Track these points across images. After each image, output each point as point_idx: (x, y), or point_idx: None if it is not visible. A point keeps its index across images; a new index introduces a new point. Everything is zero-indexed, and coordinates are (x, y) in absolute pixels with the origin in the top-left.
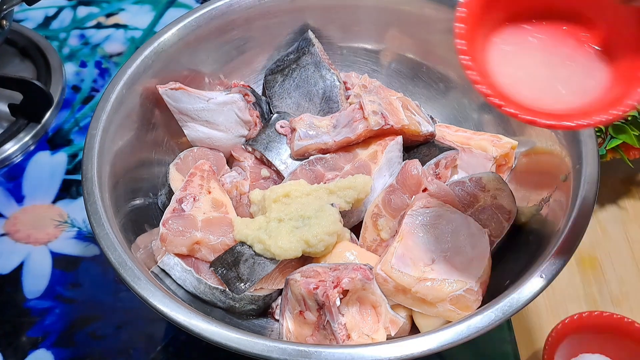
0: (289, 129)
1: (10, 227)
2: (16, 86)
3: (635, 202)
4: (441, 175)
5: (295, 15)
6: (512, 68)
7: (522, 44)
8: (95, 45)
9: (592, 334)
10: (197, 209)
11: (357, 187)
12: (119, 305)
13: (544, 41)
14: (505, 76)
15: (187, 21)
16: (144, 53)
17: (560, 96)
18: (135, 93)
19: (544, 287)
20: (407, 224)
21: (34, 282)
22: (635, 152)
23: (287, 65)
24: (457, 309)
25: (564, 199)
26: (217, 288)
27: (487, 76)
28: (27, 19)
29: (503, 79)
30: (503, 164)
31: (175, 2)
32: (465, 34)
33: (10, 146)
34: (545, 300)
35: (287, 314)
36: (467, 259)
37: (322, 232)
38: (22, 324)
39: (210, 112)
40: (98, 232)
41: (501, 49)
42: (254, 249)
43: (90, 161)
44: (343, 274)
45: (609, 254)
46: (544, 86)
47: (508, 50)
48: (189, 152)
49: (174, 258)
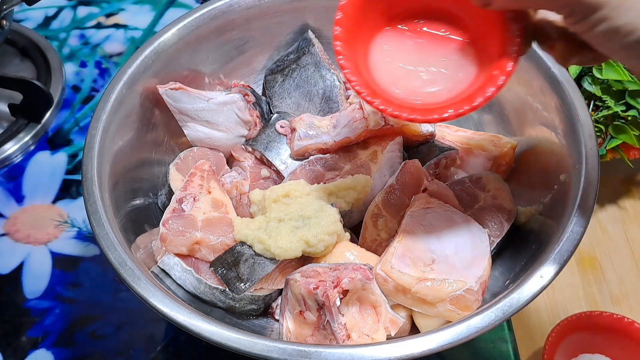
0: (289, 129)
1: (10, 227)
2: (16, 86)
3: (635, 202)
4: (441, 175)
5: (295, 15)
6: (392, 67)
7: (399, 45)
8: (95, 45)
9: (592, 334)
10: (197, 209)
11: (357, 187)
12: (119, 305)
13: (420, 41)
14: (386, 74)
15: (187, 21)
16: (144, 53)
17: (435, 92)
18: (135, 93)
19: (544, 287)
20: (407, 224)
21: (34, 282)
22: (635, 152)
23: (287, 65)
24: (457, 309)
25: (564, 199)
26: (217, 288)
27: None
28: (27, 19)
29: (383, 77)
30: (503, 164)
31: (175, 2)
32: (343, 36)
33: (10, 146)
34: (545, 300)
35: (287, 314)
36: (467, 259)
37: (322, 232)
38: (22, 324)
39: (210, 112)
40: (98, 232)
41: (383, 49)
42: (254, 249)
43: (90, 161)
44: (343, 274)
45: (609, 254)
46: (419, 83)
47: (388, 50)
48: (189, 152)
49: (174, 258)
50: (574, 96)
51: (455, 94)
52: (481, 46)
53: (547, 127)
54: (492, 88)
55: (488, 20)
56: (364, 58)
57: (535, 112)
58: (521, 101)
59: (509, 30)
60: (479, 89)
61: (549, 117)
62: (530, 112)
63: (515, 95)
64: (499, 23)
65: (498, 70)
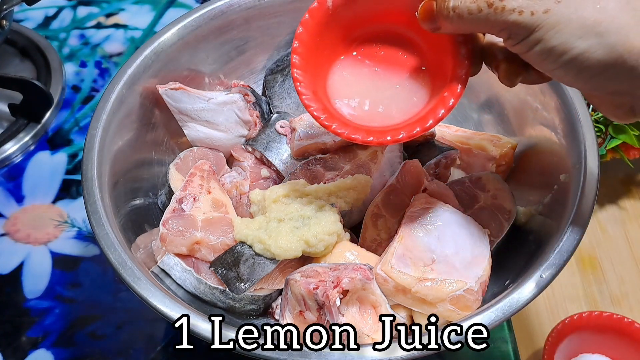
0: (289, 129)
1: (10, 227)
2: (16, 86)
3: (635, 202)
4: (441, 175)
5: (295, 15)
6: (350, 92)
7: (357, 71)
8: (95, 45)
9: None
10: (197, 209)
11: (357, 187)
12: (119, 305)
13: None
14: (344, 99)
15: (187, 21)
16: (144, 53)
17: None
18: (135, 93)
19: (544, 287)
20: (407, 224)
21: (34, 282)
22: (635, 152)
23: (287, 65)
24: (457, 309)
25: (564, 199)
26: (217, 288)
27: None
28: (27, 19)
29: (341, 101)
30: (503, 164)
31: (175, 2)
32: (301, 63)
33: (10, 146)
34: (545, 300)
35: (287, 314)
36: (467, 259)
37: (322, 232)
38: (22, 324)
39: (210, 112)
40: (98, 232)
41: (341, 75)
42: (254, 249)
43: (90, 161)
44: (343, 274)
45: (609, 254)
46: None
47: (346, 76)
48: (189, 152)
49: (174, 258)
50: (574, 96)
51: (410, 116)
52: (434, 69)
53: (547, 127)
54: (442, 110)
55: (440, 43)
56: (323, 83)
57: (535, 112)
58: (521, 101)
59: (458, 53)
60: (430, 111)
61: (549, 117)
62: (530, 112)
63: (515, 95)
64: (450, 45)
65: (448, 92)
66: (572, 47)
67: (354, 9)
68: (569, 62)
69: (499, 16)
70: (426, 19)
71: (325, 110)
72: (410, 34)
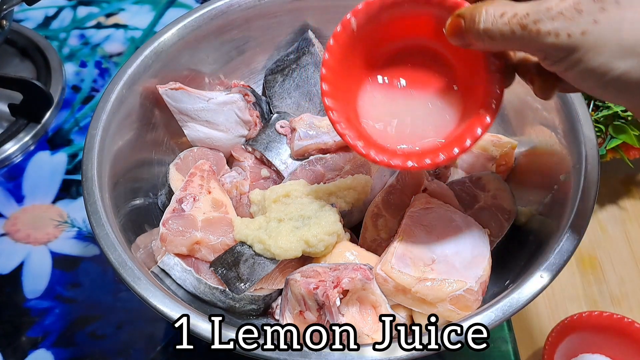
0: (289, 129)
1: (10, 227)
2: (16, 86)
3: (635, 202)
4: (441, 175)
5: (295, 15)
6: (380, 112)
7: (386, 91)
8: (95, 45)
9: (592, 334)
10: (197, 209)
11: (357, 187)
12: (119, 305)
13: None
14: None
15: (187, 21)
16: (144, 53)
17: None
18: (135, 93)
19: (544, 287)
20: (407, 224)
21: (34, 282)
22: (635, 152)
23: (287, 65)
24: (457, 309)
25: (564, 199)
26: (217, 288)
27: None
28: (27, 19)
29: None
30: (503, 164)
31: (175, 2)
32: (331, 91)
33: (10, 146)
34: (545, 300)
35: (287, 314)
36: (467, 259)
37: (322, 232)
38: (22, 324)
39: (210, 112)
40: (98, 232)
41: (371, 97)
42: (254, 249)
43: (90, 161)
44: (343, 274)
45: (609, 254)
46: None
47: (377, 96)
48: (189, 152)
49: (174, 258)
50: (574, 96)
51: (444, 135)
52: (465, 84)
53: (547, 127)
54: (479, 128)
55: (469, 57)
56: (354, 105)
57: (535, 112)
58: (521, 101)
59: (490, 67)
60: (467, 129)
61: (549, 117)
62: (530, 112)
63: (515, 95)
64: (481, 59)
65: (483, 109)
66: (613, 68)
67: (378, 26)
68: (610, 82)
69: (534, 39)
70: (454, 36)
71: (361, 137)
72: (438, 46)
